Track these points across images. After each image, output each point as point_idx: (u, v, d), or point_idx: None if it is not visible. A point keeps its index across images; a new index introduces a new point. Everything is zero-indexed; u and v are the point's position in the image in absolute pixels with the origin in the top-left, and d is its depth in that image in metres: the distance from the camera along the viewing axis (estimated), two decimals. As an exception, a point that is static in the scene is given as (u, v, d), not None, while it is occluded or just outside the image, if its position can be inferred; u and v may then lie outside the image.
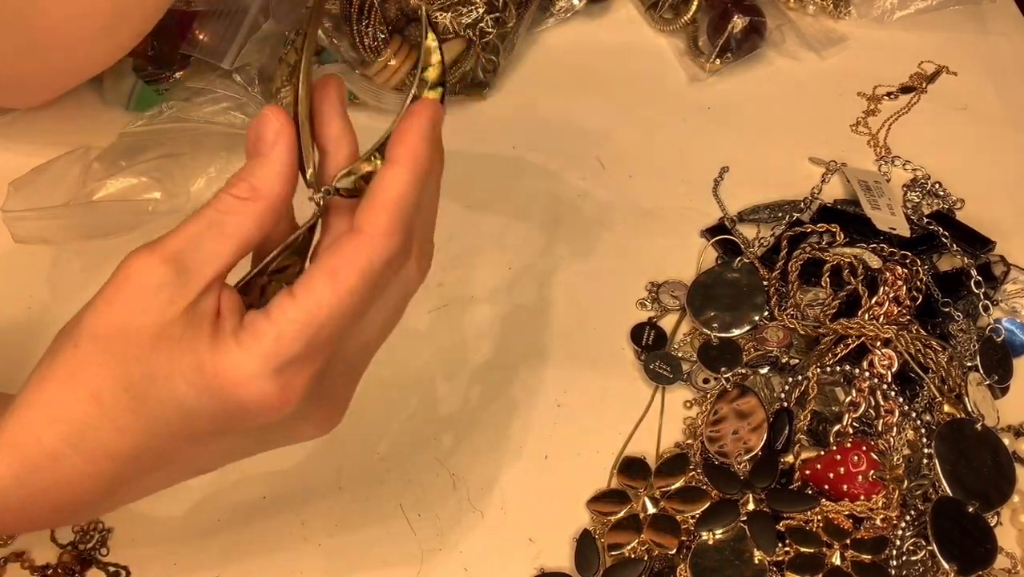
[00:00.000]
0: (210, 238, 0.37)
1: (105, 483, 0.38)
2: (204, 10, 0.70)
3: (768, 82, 0.74)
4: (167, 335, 0.36)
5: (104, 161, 0.65)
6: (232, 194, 0.38)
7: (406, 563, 0.52)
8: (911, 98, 0.73)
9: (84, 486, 0.38)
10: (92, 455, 0.37)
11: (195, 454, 0.39)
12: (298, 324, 0.36)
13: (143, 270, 0.37)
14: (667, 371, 0.58)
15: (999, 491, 0.52)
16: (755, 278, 0.61)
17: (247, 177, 0.38)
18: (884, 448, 0.52)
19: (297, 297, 0.36)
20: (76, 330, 0.37)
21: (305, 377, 0.37)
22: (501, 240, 0.65)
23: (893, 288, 0.57)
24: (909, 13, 0.77)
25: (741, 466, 0.53)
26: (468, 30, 0.69)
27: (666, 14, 0.77)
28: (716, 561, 0.50)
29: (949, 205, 0.66)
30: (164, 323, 0.36)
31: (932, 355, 0.55)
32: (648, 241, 0.65)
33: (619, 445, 0.56)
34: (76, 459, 0.37)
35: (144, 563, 0.52)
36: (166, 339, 0.36)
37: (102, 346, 0.36)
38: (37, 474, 0.37)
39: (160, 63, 0.71)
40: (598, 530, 0.53)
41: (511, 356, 0.59)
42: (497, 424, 0.57)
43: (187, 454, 0.39)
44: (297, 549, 0.52)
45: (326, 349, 0.37)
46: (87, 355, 0.37)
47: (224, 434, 0.38)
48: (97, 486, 0.38)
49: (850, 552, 0.50)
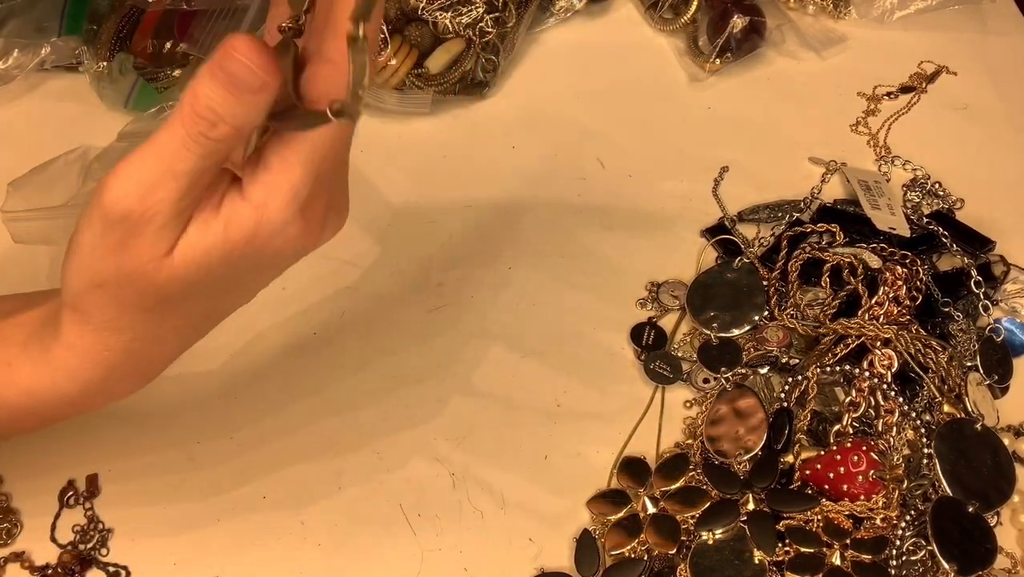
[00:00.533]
0: (163, 184, 0.37)
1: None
2: (204, 10, 0.70)
3: (768, 82, 0.74)
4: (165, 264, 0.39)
5: (104, 161, 0.65)
6: (195, 131, 0.36)
7: (406, 563, 0.52)
8: (911, 98, 0.73)
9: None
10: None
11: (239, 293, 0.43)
12: (301, 166, 0.38)
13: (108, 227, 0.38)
14: (667, 371, 0.58)
15: (999, 491, 0.52)
16: (755, 278, 0.61)
17: (213, 107, 0.36)
18: (884, 448, 0.52)
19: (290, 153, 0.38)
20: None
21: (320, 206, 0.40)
22: (501, 240, 0.65)
23: (893, 288, 0.57)
24: (909, 13, 0.77)
25: (741, 466, 0.53)
26: (468, 30, 0.69)
27: (666, 14, 0.77)
28: (716, 561, 0.50)
29: (949, 205, 0.66)
30: (156, 257, 0.38)
31: (932, 355, 0.55)
32: (648, 241, 0.65)
33: (619, 445, 0.56)
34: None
35: (144, 563, 0.52)
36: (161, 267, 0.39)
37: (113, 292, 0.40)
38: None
39: (160, 62, 0.71)
40: (598, 530, 0.53)
41: (511, 356, 0.59)
42: (497, 424, 0.57)
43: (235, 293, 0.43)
44: (297, 549, 0.52)
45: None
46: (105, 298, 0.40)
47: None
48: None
49: (850, 552, 0.50)
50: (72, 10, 0.74)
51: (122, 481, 0.54)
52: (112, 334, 0.41)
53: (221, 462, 0.55)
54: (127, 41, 0.71)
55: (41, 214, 0.61)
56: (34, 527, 0.53)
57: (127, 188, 0.37)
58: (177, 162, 0.36)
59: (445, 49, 0.69)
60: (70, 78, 0.74)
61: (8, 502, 0.54)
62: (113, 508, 0.54)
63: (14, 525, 0.53)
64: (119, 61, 0.70)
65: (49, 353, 0.42)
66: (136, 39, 0.71)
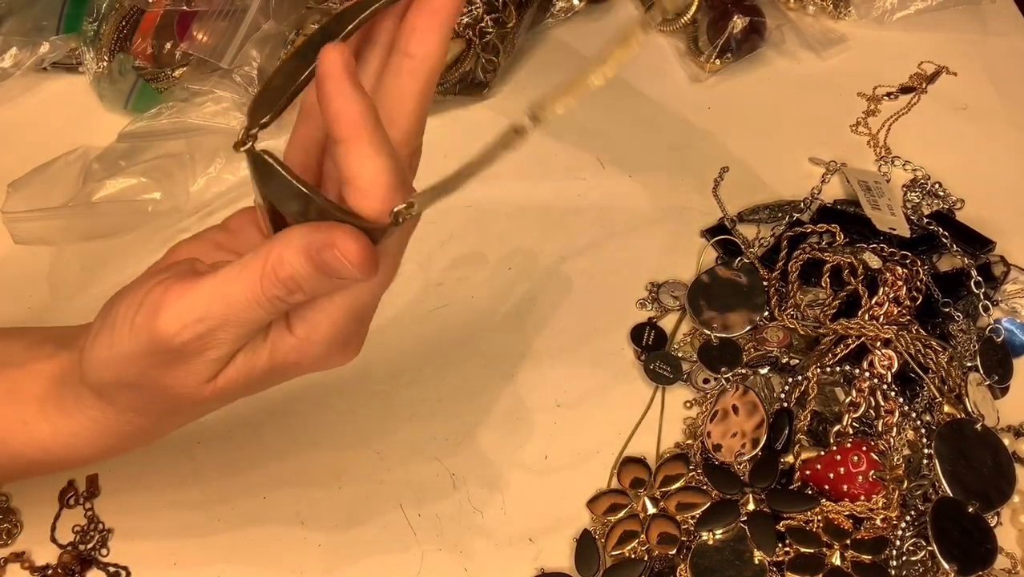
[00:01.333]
0: (225, 329, 0.38)
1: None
2: (204, 10, 0.70)
3: (768, 82, 0.74)
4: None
5: (103, 161, 0.65)
6: (271, 294, 0.37)
7: (406, 563, 0.52)
8: (911, 98, 0.73)
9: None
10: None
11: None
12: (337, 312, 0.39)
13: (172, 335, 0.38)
14: (667, 371, 0.58)
15: (999, 491, 0.52)
16: (755, 278, 0.61)
17: (297, 280, 0.36)
18: (884, 448, 0.52)
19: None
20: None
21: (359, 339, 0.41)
22: (501, 240, 0.65)
23: (893, 288, 0.57)
24: (909, 13, 0.77)
25: (741, 466, 0.53)
26: (468, 30, 0.69)
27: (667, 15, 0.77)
28: (716, 561, 0.50)
29: (949, 205, 0.66)
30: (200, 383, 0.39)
31: (932, 355, 0.55)
32: (648, 241, 0.65)
33: (619, 445, 0.56)
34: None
35: (144, 563, 0.52)
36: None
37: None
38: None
39: (160, 62, 0.71)
40: (598, 530, 0.53)
41: (511, 356, 0.59)
42: (497, 424, 0.57)
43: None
44: (297, 549, 0.52)
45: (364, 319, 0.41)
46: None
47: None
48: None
49: (850, 552, 0.50)
50: (71, 9, 0.74)
51: (122, 481, 0.54)
52: (137, 416, 0.42)
53: (221, 462, 0.55)
54: (127, 41, 0.71)
55: (41, 215, 0.61)
56: (34, 527, 0.53)
57: (185, 321, 0.37)
58: (244, 313, 0.37)
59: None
60: (70, 78, 0.74)
61: (8, 502, 0.54)
62: (113, 508, 0.54)
63: (14, 525, 0.53)
64: (119, 61, 0.70)
65: (71, 420, 0.42)
66: (136, 39, 0.71)
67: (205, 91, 0.67)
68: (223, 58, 0.68)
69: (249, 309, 0.37)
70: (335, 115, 0.34)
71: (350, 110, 0.34)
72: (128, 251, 0.64)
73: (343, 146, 0.35)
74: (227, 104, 0.67)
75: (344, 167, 0.35)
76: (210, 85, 0.67)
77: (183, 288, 0.37)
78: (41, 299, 0.62)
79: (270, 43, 0.69)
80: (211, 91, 0.67)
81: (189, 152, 0.66)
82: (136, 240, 0.64)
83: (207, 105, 0.67)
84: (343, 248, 0.35)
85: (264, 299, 0.36)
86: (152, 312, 0.37)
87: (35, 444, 0.43)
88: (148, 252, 0.64)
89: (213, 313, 0.37)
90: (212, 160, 0.66)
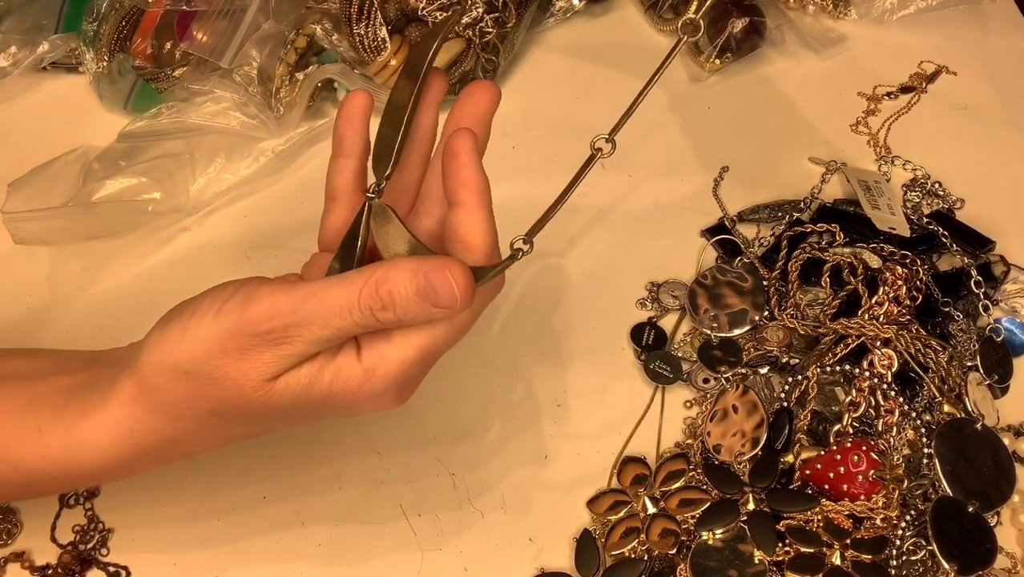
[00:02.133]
0: (310, 327, 0.39)
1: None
2: (204, 10, 0.70)
3: (768, 82, 0.74)
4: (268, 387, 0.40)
5: (103, 161, 0.65)
6: (366, 304, 0.39)
7: (406, 563, 0.52)
8: (911, 98, 0.73)
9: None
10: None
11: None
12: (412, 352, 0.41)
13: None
14: (667, 371, 0.58)
15: (999, 491, 0.52)
16: (755, 278, 0.61)
17: (395, 298, 0.39)
18: (884, 448, 0.52)
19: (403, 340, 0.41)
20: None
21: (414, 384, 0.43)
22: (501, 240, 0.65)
23: (893, 288, 0.57)
24: (909, 13, 0.77)
25: (741, 466, 0.53)
26: (468, 30, 0.69)
27: (666, 14, 0.77)
28: (716, 561, 0.50)
29: (949, 205, 0.66)
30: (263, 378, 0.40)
31: (932, 355, 0.55)
32: (648, 241, 0.65)
33: (619, 445, 0.56)
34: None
35: (144, 563, 0.52)
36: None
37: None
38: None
39: (160, 62, 0.71)
40: (598, 530, 0.53)
41: (511, 356, 0.59)
42: (497, 424, 0.57)
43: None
44: (297, 549, 0.52)
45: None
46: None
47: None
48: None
49: (850, 552, 0.50)
50: (70, 8, 0.74)
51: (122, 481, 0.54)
52: (166, 421, 0.41)
53: (221, 462, 0.55)
54: (127, 41, 0.71)
55: (41, 215, 0.61)
56: (34, 527, 0.53)
57: (278, 311, 0.38)
58: (335, 317, 0.38)
59: (445, 49, 0.69)
60: (70, 78, 0.74)
61: (8, 502, 0.54)
62: (113, 508, 0.54)
63: (14, 525, 0.53)
64: (119, 61, 0.70)
65: (87, 422, 0.42)
66: (136, 39, 0.71)
67: (205, 91, 0.67)
68: (223, 58, 0.68)
69: (340, 314, 0.38)
70: (462, 183, 0.41)
71: (477, 181, 0.41)
72: (128, 251, 0.64)
73: (463, 209, 0.41)
74: (227, 104, 0.67)
75: (458, 225, 0.41)
76: (210, 85, 0.67)
77: (279, 285, 0.39)
78: (41, 299, 0.62)
79: (270, 43, 0.69)
80: (211, 91, 0.67)
81: (189, 152, 0.66)
82: (136, 240, 0.64)
83: (207, 105, 0.67)
84: (453, 271, 0.38)
85: (357, 308, 0.38)
86: (246, 299, 0.39)
87: (40, 452, 0.42)
88: (148, 252, 0.64)
89: (306, 308, 0.38)
90: (212, 160, 0.66)
